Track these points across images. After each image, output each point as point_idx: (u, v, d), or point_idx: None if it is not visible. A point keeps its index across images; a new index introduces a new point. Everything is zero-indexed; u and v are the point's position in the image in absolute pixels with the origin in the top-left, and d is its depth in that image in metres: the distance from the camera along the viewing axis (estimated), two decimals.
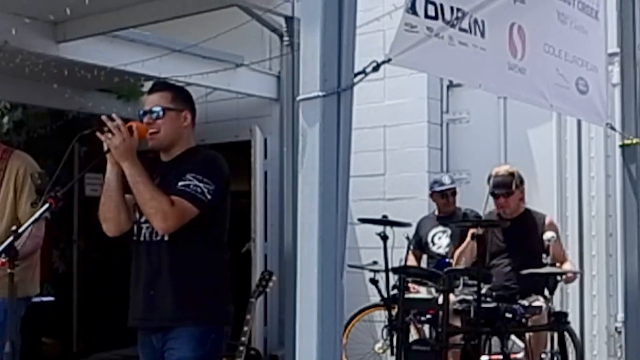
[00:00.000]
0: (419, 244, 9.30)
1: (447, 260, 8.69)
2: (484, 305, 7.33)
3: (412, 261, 9.16)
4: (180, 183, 4.78)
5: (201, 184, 4.79)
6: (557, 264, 7.88)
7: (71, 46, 9.35)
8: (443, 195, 9.37)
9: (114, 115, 4.79)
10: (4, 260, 4.78)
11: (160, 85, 5.40)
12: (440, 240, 9.08)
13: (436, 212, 9.45)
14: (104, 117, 4.78)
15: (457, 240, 8.76)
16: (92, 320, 13.06)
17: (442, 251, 9.01)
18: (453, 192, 9.36)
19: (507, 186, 8.20)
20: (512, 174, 8.31)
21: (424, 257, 9.33)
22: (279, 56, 9.98)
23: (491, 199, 8.33)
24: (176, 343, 4.92)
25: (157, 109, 4.98)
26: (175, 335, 4.92)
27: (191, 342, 4.91)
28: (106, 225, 5.07)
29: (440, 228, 9.13)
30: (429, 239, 9.17)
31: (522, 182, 8.37)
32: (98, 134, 4.75)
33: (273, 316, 11.28)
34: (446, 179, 9.66)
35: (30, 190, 6.18)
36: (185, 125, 5.10)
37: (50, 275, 11.63)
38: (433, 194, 9.47)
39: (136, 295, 5.08)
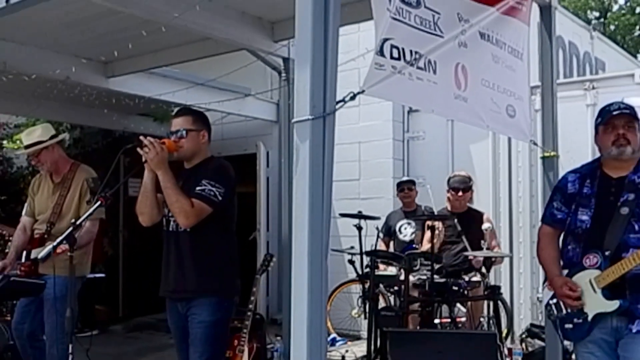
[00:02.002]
0: (388, 232, 9.28)
1: (413, 245, 8.69)
2: (436, 280, 7.33)
3: (382, 247, 9.16)
4: (198, 188, 4.87)
5: (214, 189, 4.87)
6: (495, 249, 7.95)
7: (118, 80, 9.35)
8: (402, 189, 9.38)
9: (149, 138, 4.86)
10: (64, 247, 4.84)
11: (184, 110, 5.45)
12: (405, 230, 9.06)
13: (402, 208, 9.44)
14: (141, 138, 4.86)
15: (420, 229, 8.77)
16: (134, 292, 13.06)
17: (407, 239, 8.99)
18: (410, 187, 9.36)
19: (465, 183, 8.24)
20: (469, 177, 8.40)
21: (392, 244, 9.30)
22: (278, 88, 9.97)
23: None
24: (197, 309, 4.98)
25: (182, 130, 5.08)
26: (197, 303, 4.99)
27: (209, 308, 4.96)
28: (142, 217, 5.14)
29: (406, 220, 9.12)
30: (397, 229, 9.14)
31: (472, 186, 8.42)
32: (138, 149, 4.82)
33: (273, 288, 11.28)
34: (404, 178, 9.77)
35: (89, 194, 6.30)
36: (204, 142, 5.19)
37: (101, 258, 11.62)
38: (398, 191, 9.49)
39: (167, 272, 5.15)
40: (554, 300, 4.59)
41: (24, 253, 6.44)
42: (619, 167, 4.44)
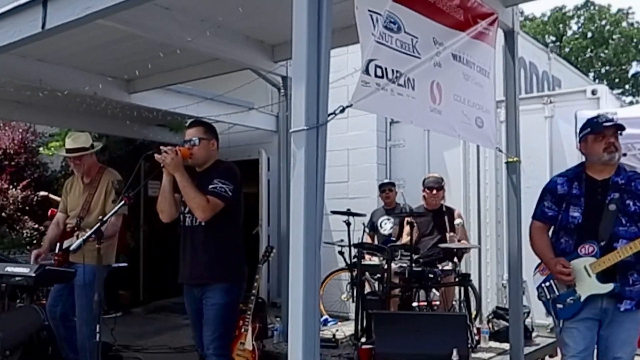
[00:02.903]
0: (372, 227, 9.28)
1: (392, 238, 8.68)
2: (414, 269, 7.32)
3: (368, 240, 9.15)
4: (211, 186, 4.92)
5: (225, 186, 4.93)
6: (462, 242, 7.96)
7: (139, 96, 9.33)
8: (383, 190, 9.36)
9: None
10: (93, 238, 4.87)
11: (196, 122, 5.50)
12: (385, 225, 9.05)
13: (384, 206, 9.44)
14: (162, 147, 4.93)
15: (398, 224, 8.78)
16: (152, 279, 13.06)
17: (386, 233, 8.99)
18: (390, 188, 9.34)
19: (438, 183, 8.26)
20: (441, 178, 8.41)
21: (377, 237, 9.30)
22: (278, 102, 9.97)
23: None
24: (211, 293, 5.02)
25: (195, 139, 5.13)
26: (210, 288, 5.02)
27: (221, 293, 5.00)
28: (162, 215, 5.18)
29: (386, 217, 9.11)
30: (378, 224, 9.15)
31: (444, 185, 8.44)
32: (155, 156, 4.88)
33: (273, 276, 11.26)
34: (385, 180, 9.75)
35: (113, 194, 6.35)
36: (213, 149, 5.23)
37: (125, 249, 11.60)
38: (380, 192, 9.47)
39: (184, 262, 5.19)
40: (547, 284, 4.72)
41: (57, 244, 6.51)
42: (602, 170, 4.58)
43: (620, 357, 4.50)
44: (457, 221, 8.04)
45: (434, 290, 7.73)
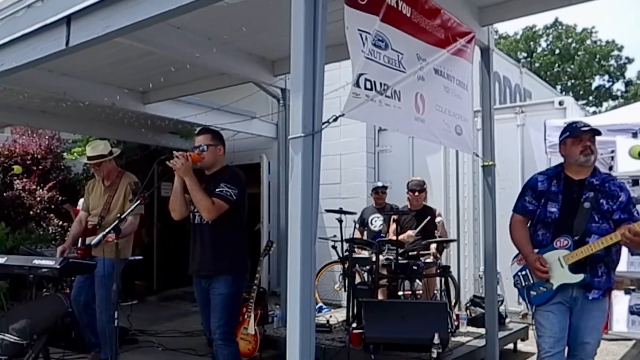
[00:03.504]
0: (362, 224, 9.27)
1: (381, 235, 8.68)
2: (400, 261, 7.33)
3: (358, 235, 9.15)
4: (217, 189, 4.92)
5: (230, 190, 4.92)
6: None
7: (152, 106, 9.33)
8: (377, 192, 9.35)
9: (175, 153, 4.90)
10: (112, 236, 4.87)
11: (204, 129, 5.48)
12: (376, 222, 9.04)
13: (374, 205, 9.44)
14: (174, 152, 4.93)
15: (387, 222, 8.78)
16: (165, 270, 13.06)
17: (376, 229, 8.99)
18: (383, 190, 9.33)
19: (420, 186, 8.31)
20: (423, 181, 8.47)
21: (365, 233, 9.30)
22: (277, 112, 9.97)
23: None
24: (217, 284, 5.02)
25: (204, 145, 5.13)
26: (216, 279, 5.02)
27: (226, 283, 5.00)
28: (173, 213, 5.17)
29: (377, 214, 9.11)
30: (369, 221, 9.13)
31: (426, 188, 8.47)
32: (167, 162, 4.90)
33: (273, 267, 11.26)
34: (379, 183, 9.73)
35: (131, 195, 6.39)
36: (220, 154, 5.22)
37: (140, 244, 11.59)
38: (373, 193, 9.45)
39: (193, 255, 5.19)
40: (523, 272, 4.71)
41: (80, 240, 6.51)
42: (579, 171, 4.57)
43: (588, 342, 4.50)
44: (438, 219, 8.08)
45: (417, 280, 7.74)
